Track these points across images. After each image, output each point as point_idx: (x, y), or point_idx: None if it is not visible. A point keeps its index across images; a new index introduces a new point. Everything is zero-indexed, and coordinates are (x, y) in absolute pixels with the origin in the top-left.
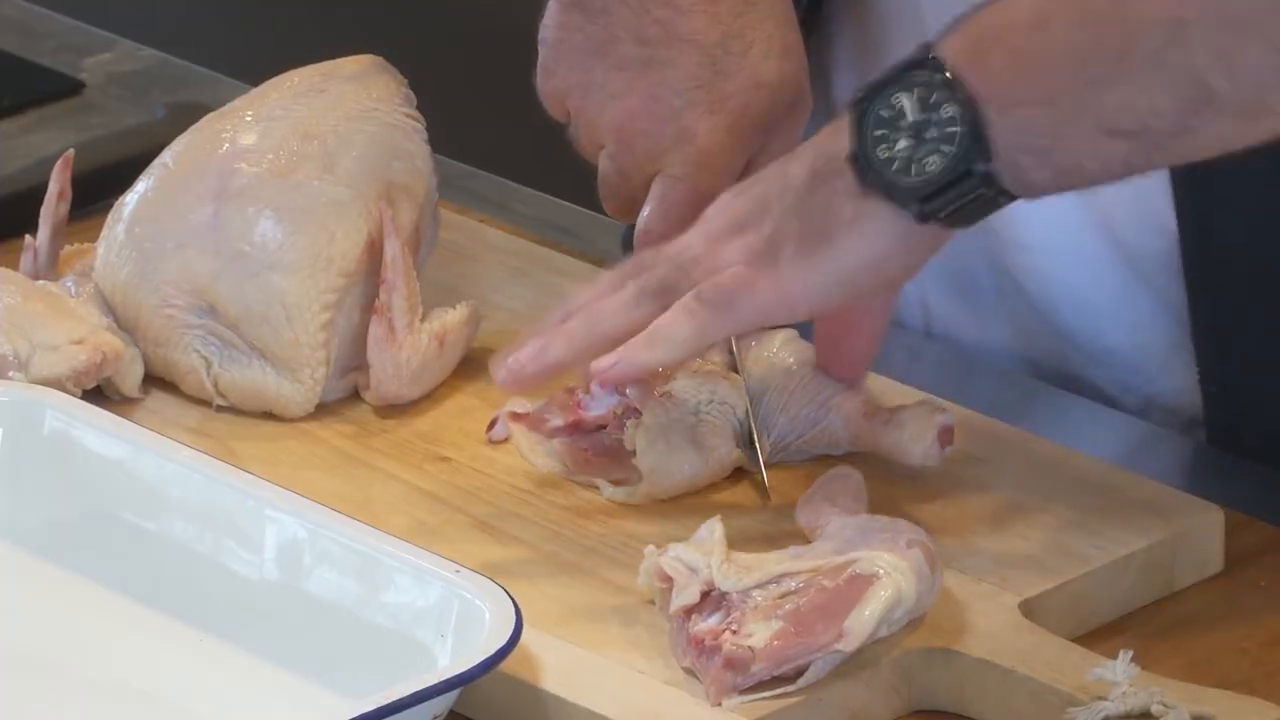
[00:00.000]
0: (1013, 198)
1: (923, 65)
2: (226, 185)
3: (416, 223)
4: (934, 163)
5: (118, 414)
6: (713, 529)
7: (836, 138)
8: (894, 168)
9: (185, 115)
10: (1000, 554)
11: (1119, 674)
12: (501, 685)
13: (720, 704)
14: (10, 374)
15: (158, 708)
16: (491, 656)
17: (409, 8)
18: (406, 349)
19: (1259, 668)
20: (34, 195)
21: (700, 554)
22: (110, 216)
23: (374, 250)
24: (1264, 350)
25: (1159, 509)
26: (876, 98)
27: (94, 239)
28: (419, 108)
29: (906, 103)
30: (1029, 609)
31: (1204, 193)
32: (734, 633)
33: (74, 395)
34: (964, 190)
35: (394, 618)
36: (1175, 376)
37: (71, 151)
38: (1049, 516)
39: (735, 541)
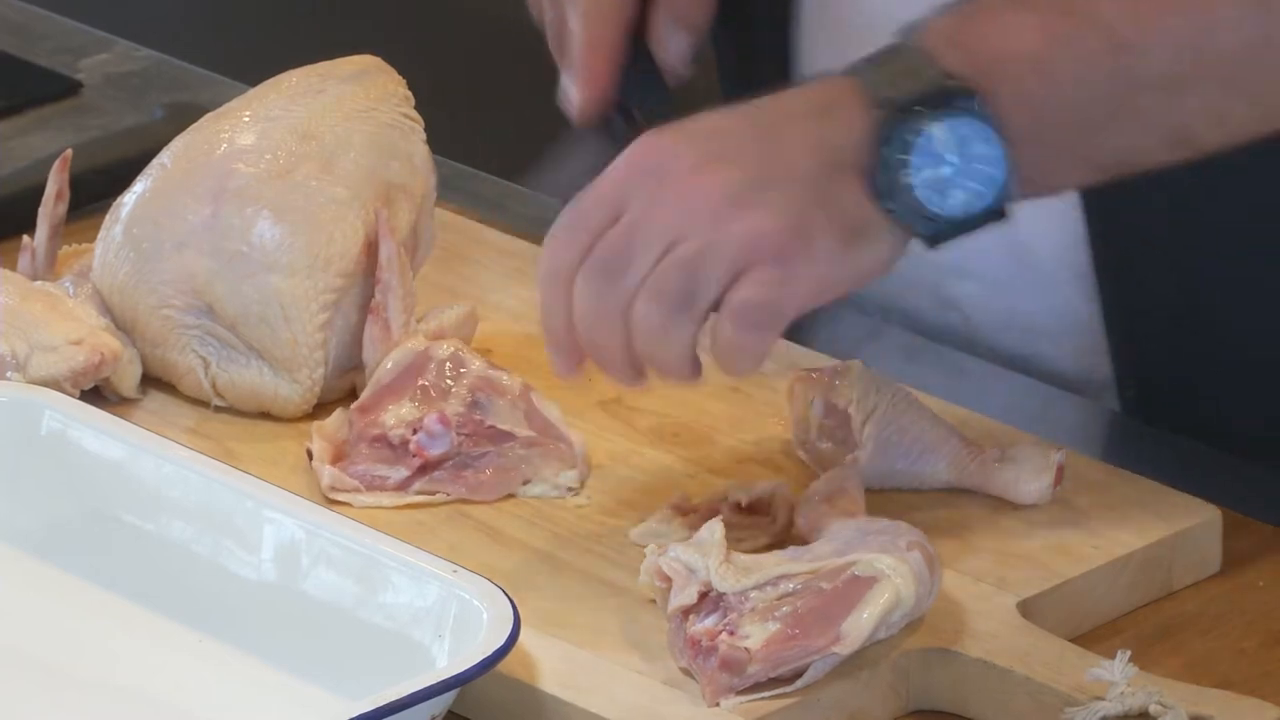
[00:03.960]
0: None
1: (949, 93)
2: (224, 186)
3: (414, 223)
4: (959, 198)
5: (115, 414)
6: (713, 530)
7: (836, 128)
8: (917, 195)
9: (183, 116)
10: (998, 554)
11: (1117, 674)
12: (499, 685)
13: (717, 704)
14: (8, 374)
15: (155, 708)
16: (489, 657)
17: (408, 8)
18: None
19: (1257, 668)
20: (32, 196)
21: (700, 554)
22: (108, 217)
23: (372, 250)
24: (1174, 343)
25: (1157, 509)
26: (900, 118)
27: (92, 239)
28: (417, 108)
29: (938, 132)
30: (1027, 609)
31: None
32: (731, 634)
33: (72, 396)
34: (977, 224)
35: (392, 618)
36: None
37: (69, 152)
38: (1047, 517)
39: (736, 542)
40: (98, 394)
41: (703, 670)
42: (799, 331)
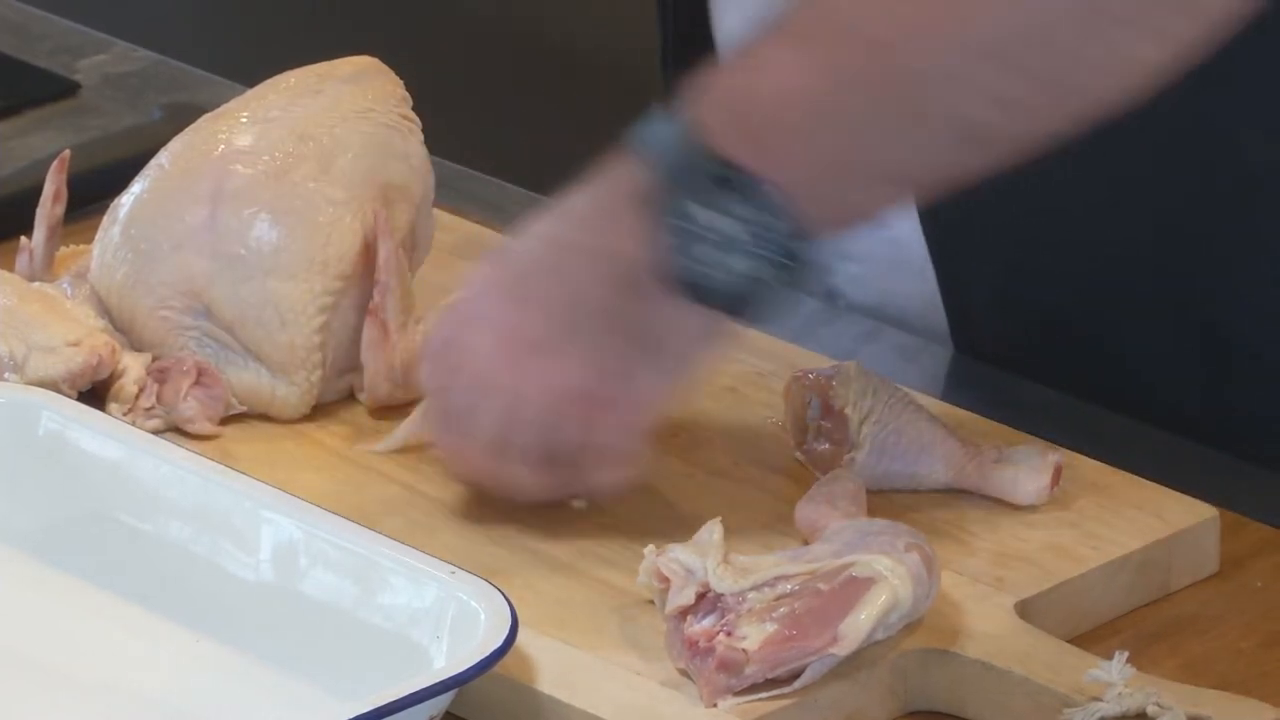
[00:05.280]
0: None
1: (724, 179)
2: (222, 187)
3: (412, 224)
4: (764, 270)
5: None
6: (712, 530)
7: (622, 239)
8: (721, 284)
9: (181, 117)
10: (996, 555)
11: (1115, 675)
12: (497, 686)
13: (714, 705)
14: (6, 375)
15: (153, 709)
16: (487, 658)
17: (406, 9)
18: (400, 350)
19: (1255, 668)
20: (30, 197)
21: (698, 555)
22: (106, 218)
23: (370, 252)
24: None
25: (1155, 509)
26: (682, 217)
27: (90, 240)
28: (416, 109)
29: (723, 223)
30: (1025, 610)
31: None
32: (728, 634)
33: (69, 397)
34: (778, 280)
35: (390, 619)
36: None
37: (67, 153)
38: (1044, 517)
39: (735, 543)
40: (95, 395)
41: (700, 671)
42: (796, 333)
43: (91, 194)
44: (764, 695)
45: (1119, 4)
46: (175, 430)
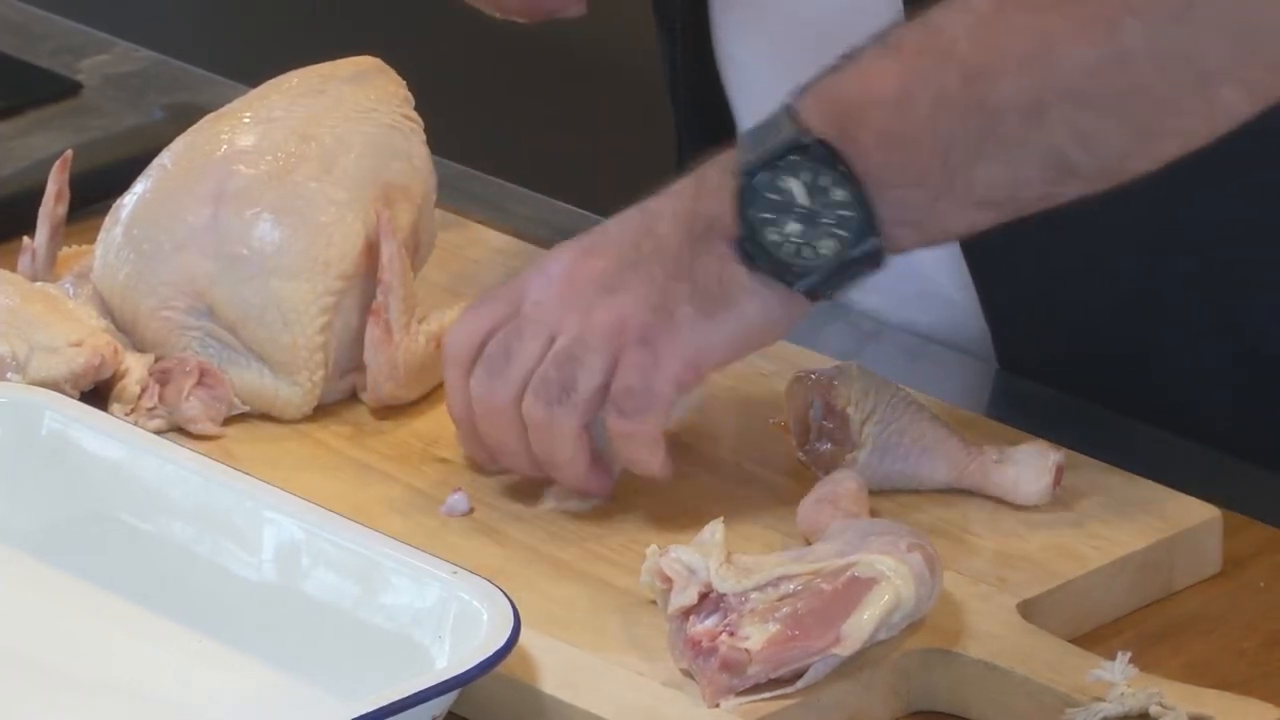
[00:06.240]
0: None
1: (803, 147)
2: (225, 187)
3: (414, 224)
4: (828, 247)
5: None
6: (714, 530)
7: (705, 200)
8: (784, 251)
9: (183, 117)
10: (998, 555)
11: (1117, 675)
12: (500, 686)
13: (717, 705)
14: (8, 375)
15: (154, 709)
16: (489, 658)
17: (407, 9)
18: (403, 350)
19: (1257, 669)
20: (32, 197)
21: (701, 555)
22: (108, 218)
23: (372, 252)
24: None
25: (1157, 509)
26: (758, 178)
27: (92, 240)
28: (417, 108)
29: (795, 187)
30: (1027, 610)
31: None
32: (731, 634)
33: (72, 397)
34: (854, 269)
35: (392, 619)
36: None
37: (70, 153)
38: (1046, 517)
39: (737, 543)
40: (97, 395)
41: (703, 671)
42: (798, 333)
43: (94, 194)
44: (767, 695)
45: (1212, 57)
46: (178, 430)
